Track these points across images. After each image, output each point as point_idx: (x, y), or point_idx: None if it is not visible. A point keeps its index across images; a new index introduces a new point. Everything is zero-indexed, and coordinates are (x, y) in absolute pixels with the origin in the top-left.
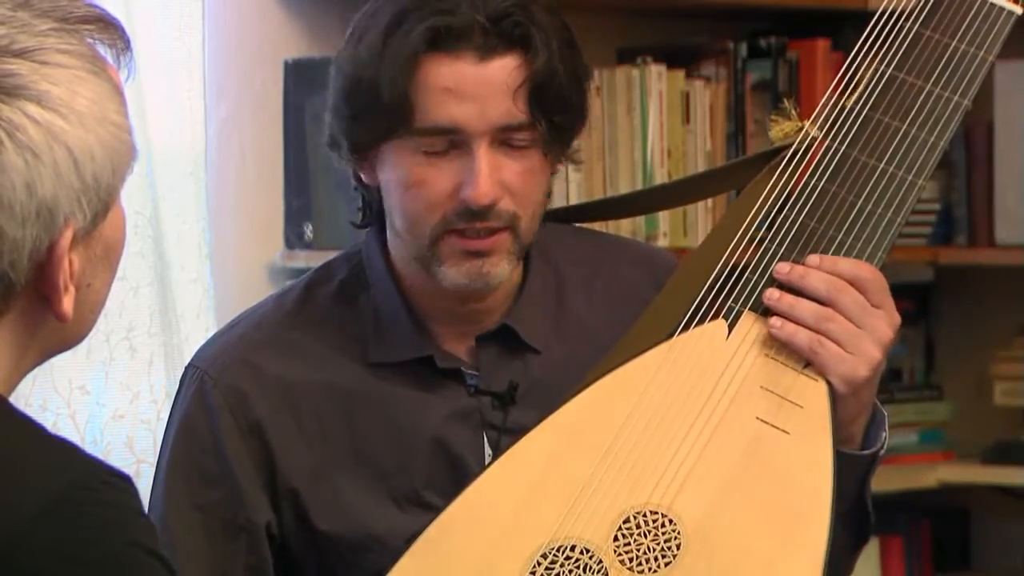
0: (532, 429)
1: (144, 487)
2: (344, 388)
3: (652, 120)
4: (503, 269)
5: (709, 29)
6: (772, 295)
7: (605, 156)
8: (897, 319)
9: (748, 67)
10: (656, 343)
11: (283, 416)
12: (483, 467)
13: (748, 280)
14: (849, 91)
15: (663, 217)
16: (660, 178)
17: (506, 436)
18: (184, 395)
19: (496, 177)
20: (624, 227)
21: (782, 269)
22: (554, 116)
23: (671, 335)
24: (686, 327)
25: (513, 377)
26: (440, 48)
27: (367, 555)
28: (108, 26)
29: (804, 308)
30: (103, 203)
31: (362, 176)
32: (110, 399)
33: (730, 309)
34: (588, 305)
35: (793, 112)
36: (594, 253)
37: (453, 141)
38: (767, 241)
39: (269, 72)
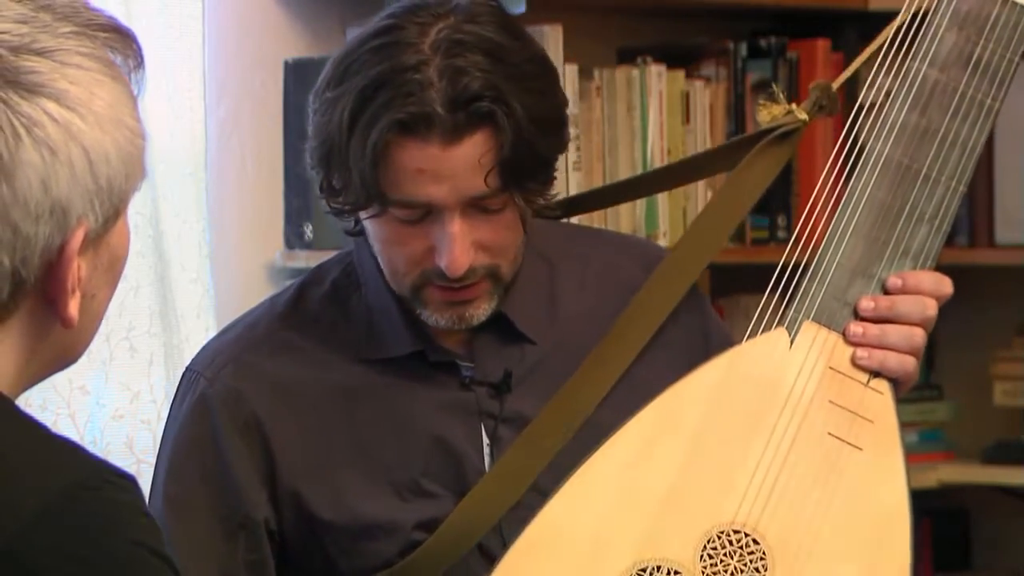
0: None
1: (144, 487)
2: (340, 384)
3: (652, 120)
4: (484, 311)
5: (709, 29)
6: (857, 331)
7: (605, 156)
8: None
9: (748, 67)
10: (649, 327)
11: (280, 411)
12: (482, 457)
13: (807, 288)
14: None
15: (663, 216)
16: None
17: (503, 424)
18: (181, 398)
19: (470, 241)
20: (624, 225)
21: (866, 306)
22: (526, 182)
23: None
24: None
25: (508, 365)
26: (408, 134)
27: (370, 544)
28: (125, 39)
29: (894, 334)
30: (114, 208)
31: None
32: (110, 399)
33: (791, 319)
34: (580, 295)
35: (781, 96)
36: (584, 245)
37: (426, 211)
38: (820, 250)
39: (269, 72)
